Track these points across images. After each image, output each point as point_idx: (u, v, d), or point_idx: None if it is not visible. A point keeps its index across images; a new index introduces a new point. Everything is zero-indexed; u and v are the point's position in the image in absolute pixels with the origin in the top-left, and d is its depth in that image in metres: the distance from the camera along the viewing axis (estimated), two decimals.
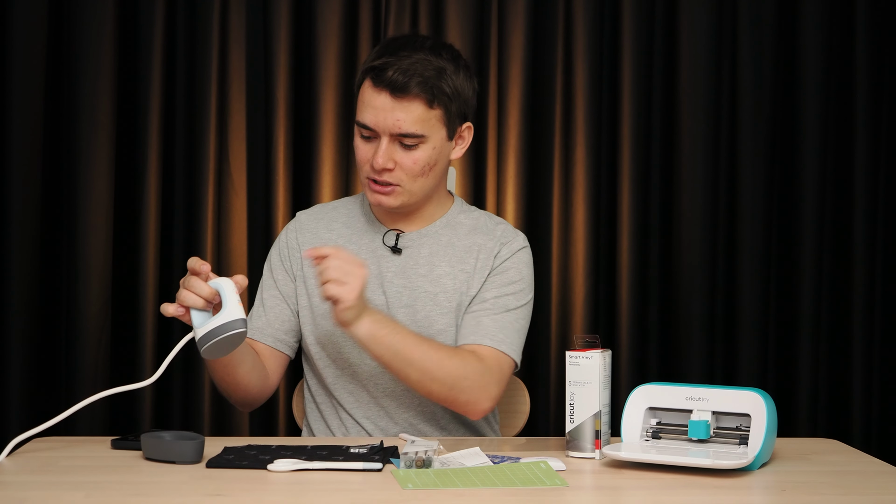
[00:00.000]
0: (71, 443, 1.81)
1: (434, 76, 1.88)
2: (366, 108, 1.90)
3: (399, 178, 1.91)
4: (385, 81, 1.86)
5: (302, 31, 2.88)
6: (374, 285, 1.98)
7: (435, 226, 2.03)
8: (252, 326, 2.03)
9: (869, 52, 2.88)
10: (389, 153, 1.89)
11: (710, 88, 2.91)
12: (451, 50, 1.95)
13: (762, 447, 1.63)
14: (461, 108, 1.94)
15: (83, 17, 2.77)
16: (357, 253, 2.01)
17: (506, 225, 2.06)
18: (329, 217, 2.08)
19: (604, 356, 1.71)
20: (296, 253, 2.04)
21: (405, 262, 2.00)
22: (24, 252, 2.72)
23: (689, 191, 2.91)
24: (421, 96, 1.87)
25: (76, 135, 2.78)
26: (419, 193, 1.95)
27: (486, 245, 2.01)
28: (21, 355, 2.71)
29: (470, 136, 2.01)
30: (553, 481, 1.54)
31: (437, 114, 1.90)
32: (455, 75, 1.91)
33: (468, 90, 1.95)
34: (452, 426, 2.02)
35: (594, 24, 2.91)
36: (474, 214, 2.07)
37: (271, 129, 2.85)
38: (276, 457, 1.62)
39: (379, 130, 1.89)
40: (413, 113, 1.87)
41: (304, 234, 2.06)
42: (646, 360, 2.92)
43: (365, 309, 1.79)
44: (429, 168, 1.92)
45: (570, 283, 2.93)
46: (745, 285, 2.90)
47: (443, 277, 1.99)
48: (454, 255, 2.00)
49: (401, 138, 1.89)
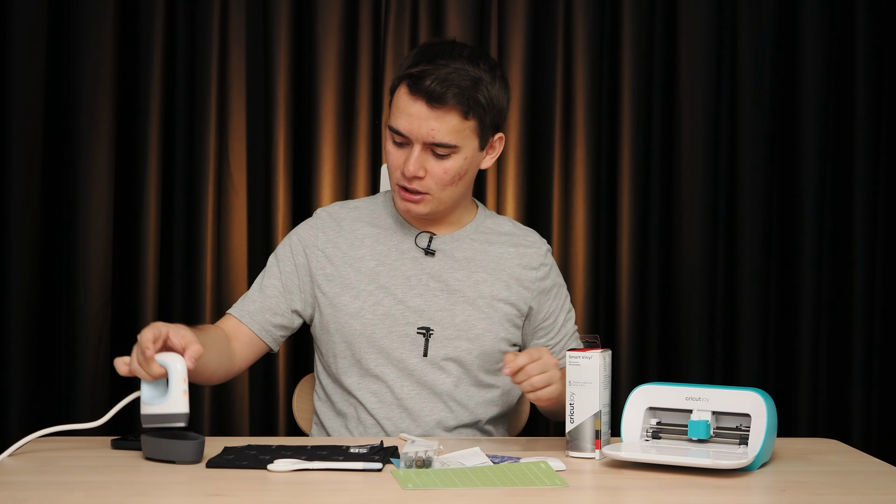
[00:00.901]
0: (71, 443, 1.81)
1: (471, 87, 1.87)
2: (400, 115, 1.89)
3: (428, 186, 1.91)
4: (422, 90, 1.85)
5: (302, 31, 2.88)
6: (404, 287, 1.97)
7: (466, 230, 2.03)
8: (244, 309, 2.01)
9: (869, 51, 2.88)
10: (421, 161, 1.89)
11: (710, 88, 2.91)
12: (488, 60, 1.94)
13: (762, 447, 1.63)
14: (495, 119, 1.94)
15: (83, 18, 2.77)
16: (386, 253, 2.00)
17: (531, 231, 2.12)
18: (352, 216, 2.06)
19: (604, 356, 1.71)
20: (314, 251, 2.02)
21: (440, 264, 1.99)
22: (24, 252, 2.72)
23: (689, 191, 2.90)
24: (457, 108, 1.86)
25: (76, 135, 2.78)
26: (448, 202, 1.96)
27: (527, 252, 2.06)
28: (21, 355, 2.71)
29: (501, 146, 2.01)
30: (553, 481, 1.54)
31: (471, 125, 1.89)
32: (491, 86, 1.90)
33: (503, 101, 1.94)
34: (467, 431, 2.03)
35: (594, 24, 2.91)
36: (499, 220, 2.10)
37: (271, 129, 2.85)
38: (276, 457, 1.62)
39: (412, 138, 1.88)
40: (448, 123, 1.87)
41: (327, 231, 2.03)
42: (646, 360, 2.92)
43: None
44: (458, 178, 1.92)
45: (570, 283, 2.93)
46: (745, 285, 2.90)
47: (480, 284, 2.00)
48: (489, 262, 2.02)
49: (434, 147, 1.88)
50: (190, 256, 2.84)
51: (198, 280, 2.83)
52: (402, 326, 1.97)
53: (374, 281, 1.98)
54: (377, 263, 1.99)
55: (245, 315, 2.00)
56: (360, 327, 1.97)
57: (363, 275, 1.98)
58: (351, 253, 2.00)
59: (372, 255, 2.00)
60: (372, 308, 1.97)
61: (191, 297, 2.84)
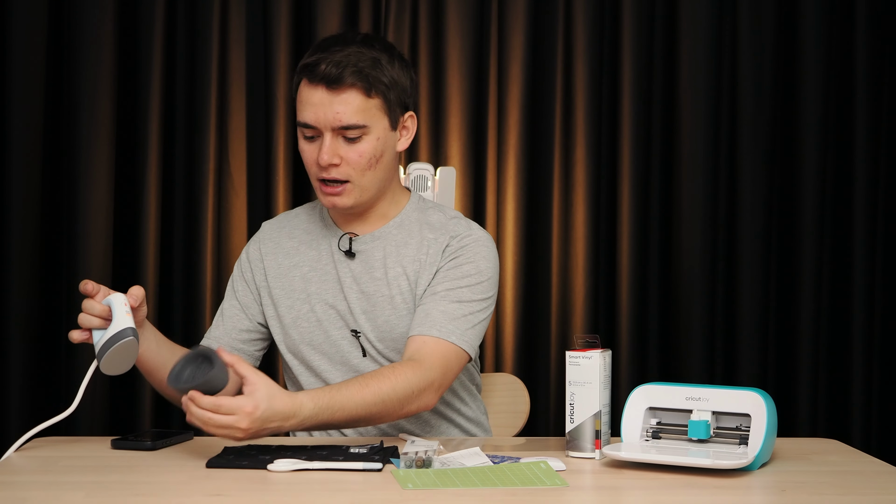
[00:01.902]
0: (71, 443, 1.81)
1: (368, 66, 1.87)
2: (304, 107, 1.88)
3: (347, 173, 1.89)
4: (319, 76, 1.85)
5: (302, 31, 2.88)
6: (334, 291, 1.98)
7: (388, 226, 2.00)
8: (211, 336, 2.03)
9: (869, 51, 2.89)
10: (334, 148, 1.88)
11: (710, 88, 2.91)
12: (383, 42, 1.94)
13: (762, 447, 1.63)
14: (400, 97, 1.93)
15: (83, 18, 2.77)
16: (317, 258, 2.00)
17: (460, 219, 2.02)
18: (291, 225, 2.07)
19: (604, 356, 1.71)
20: (258, 264, 2.04)
21: (360, 266, 1.98)
22: (24, 252, 2.72)
23: (689, 191, 2.91)
24: (357, 85, 1.86)
25: (76, 135, 2.78)
26: (370, 188, 1.93)
27: (438, 240, 1.97)
28: (21, 355, 2.72)
29: (414, 126, 1.99)
30: (553, 481, 1.54)
31: (376, 103, 1.89)
32: (390, 65, 1.90)
33: (405, 79, 1.93)
34: (434, 421, 2.02)
35: (594, 24, 2.91)
36: (429, 211, 2.03)
37: (271, 129, 2.85)
38: (276, 457, 1.62)
39: (320, 126, 1.87)
40: (352, 104, 1.86)
41: (266, 244, 2.05)
42: (646, 360, 2.92)
43: (291, 418, 1.68)
44: (375, 160, 1.90)
45: (570, 283, 2.93)
46: (745, 285, 2.90)
47: (397, 278, 1.96)
48: (407, 254, 1.98)
49: (343, 131, 1.87)
50: (190, 256, 2.84)
51: (198, 280, 2.83)
52: (338, 330, 1.97)
53: (306, 289, 1.99)
54: (310, 269, 2.00)
55: (213, 342, 2.02)
56: (298, 336, 1.98)
57: (297, 283, 2.00)
58: (286, 262, 2.02)
59: (306, 261, 2.01)
60: (307, 316, 1.98)
61: (191, 297, 2.84)
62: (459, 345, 1.89)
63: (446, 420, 2.03)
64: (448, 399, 2.02)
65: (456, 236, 1.97)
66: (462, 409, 2.06)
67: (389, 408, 1.79)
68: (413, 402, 1.82)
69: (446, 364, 1.87)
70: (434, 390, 1.85)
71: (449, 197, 2.53)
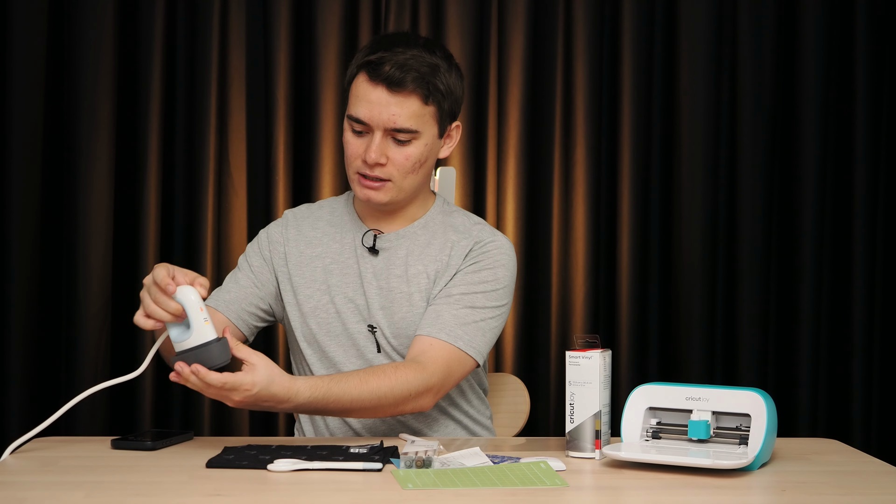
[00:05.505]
0: (71, 443, 1.81)
1: (429, 72, 1.89)
2: (360, 102, 1.90)
3: (390, 173, 1.91)
4: (382, 76, 1.87)
5: (302, 31, 2.88)
6: (354, 285, 1.98)
7: (413, 227, 2.02)
8: (220, 299, 2.02)
9: (869, 52, 2.89)
10: (382, 148, 1.90)
11: (709, 89, 2.91)
12: (443, 48, 1.96)
13: (762, 447, 1.63)
14: (452, 107, 1.95)
15: (83, 17, 2.77)
16: (340, 251, 2.01)
17: (484, 225, 2.04)
18: (315, 216, 2.08)
19: (604, 356, 1.71)
20: (279, 248, 2.04)
21: (382, 263, 1.99)
22: (24, 252, 2.72)
23: (688, 191, 2.91)
24: (417, 92, 1.88)
25: (76, 134, 2.78)
26: (408, 190, 1.95)
27: (460, 243, 1.99)
28: (21, 355, 2.71)
29: (458, 135, 2.02)
30: (553, 481, 1.54)
31: (430, 110, 1.91)
32: (448, 73, 1.92)
33: (459, 89, 1.96)
34: (440, 419, 2.02)
35: (594, 24, 2.91)
36: (454, 215, 2.06)
37: (271, 129, 2.85)
38: (276, 457, 1.62)
39: (373, 125, 1.89)
40: (409, 108, 1.88)
41: (289, 229, 2.06)
42: (646, 360, 2.92)
43: (285, 402, 1.73)
44: (419, 164, 1.93)
45: (570, 283, 2.93)
46: (745, 285, 2.91)
47: (417, 276, 1.98)
48: (429, 254, 1.99)
49: (394, 133, 1.89)
50: (190, 256, 2.84)
51: None
52: (356, 324, 1.98)
53: (326, 280, 1.99)
54: (331, 261, 2.01)
55: (221, 304, 2.01)
56: (317, 325, 1.99)
57: (318, 273, 2.00)
58: (308, 251, 2.02)
59: (328, 253, 2.01)
60: (326, 307, 1.99)
61: None
62: (466, 351, 1.90)
63: (453, 420, 2.04)
64: (454, 398, 2.03)
65: (480, 241, 1.99)
66: (468, 410, 2.07)
67: (384, 405, 1.82)
68: (409, 403, 1.84)
69: (449, 369, 1.89)
70: (432, 394, 1.87)
71: (449, 197, 2.53)
